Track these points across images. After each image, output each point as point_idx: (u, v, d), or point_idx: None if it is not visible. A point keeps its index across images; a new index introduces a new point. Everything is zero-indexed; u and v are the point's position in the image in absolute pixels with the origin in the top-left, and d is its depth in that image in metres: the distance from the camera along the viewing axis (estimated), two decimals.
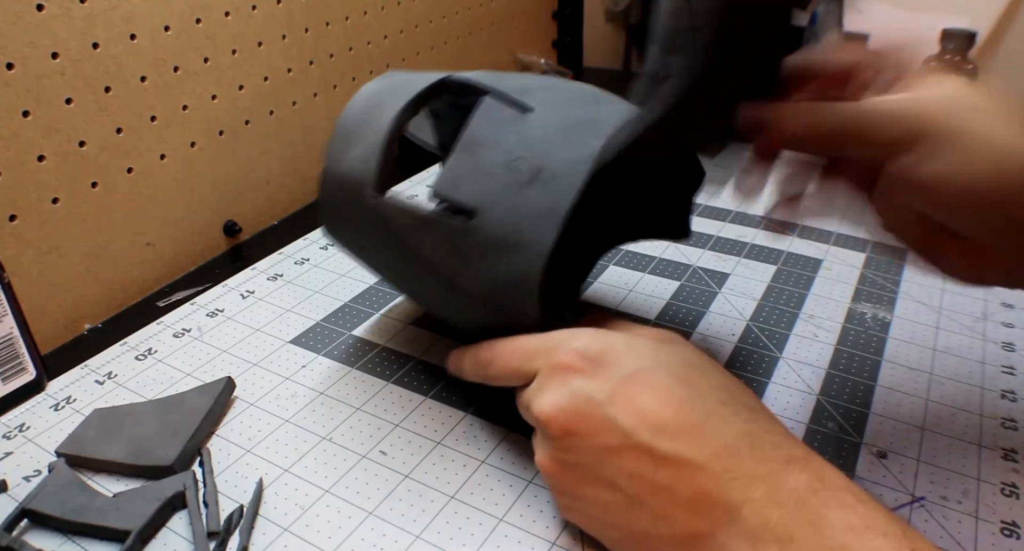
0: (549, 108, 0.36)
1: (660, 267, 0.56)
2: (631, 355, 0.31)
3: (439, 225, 0.35)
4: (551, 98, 0.37)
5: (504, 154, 0.34)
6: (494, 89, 0.37)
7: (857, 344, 0.48)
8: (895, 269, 0.56)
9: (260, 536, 0.35)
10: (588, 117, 0.35)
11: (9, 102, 0.45)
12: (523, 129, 0.35)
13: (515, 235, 0.33)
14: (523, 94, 0.37)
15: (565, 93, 0.37)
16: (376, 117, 0.39)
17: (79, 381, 0.46)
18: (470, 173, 0.35)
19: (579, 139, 0.34)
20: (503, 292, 0.34)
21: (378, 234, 0.39)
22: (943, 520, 0.35)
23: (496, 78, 0.38)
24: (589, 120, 0.35)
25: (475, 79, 0.39)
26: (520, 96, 0.36)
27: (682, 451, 0.29)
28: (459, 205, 0.35)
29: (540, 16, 1.03)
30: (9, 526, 0.35)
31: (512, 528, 0.35)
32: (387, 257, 0.40)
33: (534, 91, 0.37)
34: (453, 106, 0.41)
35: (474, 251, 0.34)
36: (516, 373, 0.34)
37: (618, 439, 0.30)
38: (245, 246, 0.64)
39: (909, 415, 0.42)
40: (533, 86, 0.38)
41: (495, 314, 0.36)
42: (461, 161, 0.35)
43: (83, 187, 0.51)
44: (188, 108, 0.57)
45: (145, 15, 0.52)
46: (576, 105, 0.36)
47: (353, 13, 0.70)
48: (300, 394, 0.44)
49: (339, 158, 0.40)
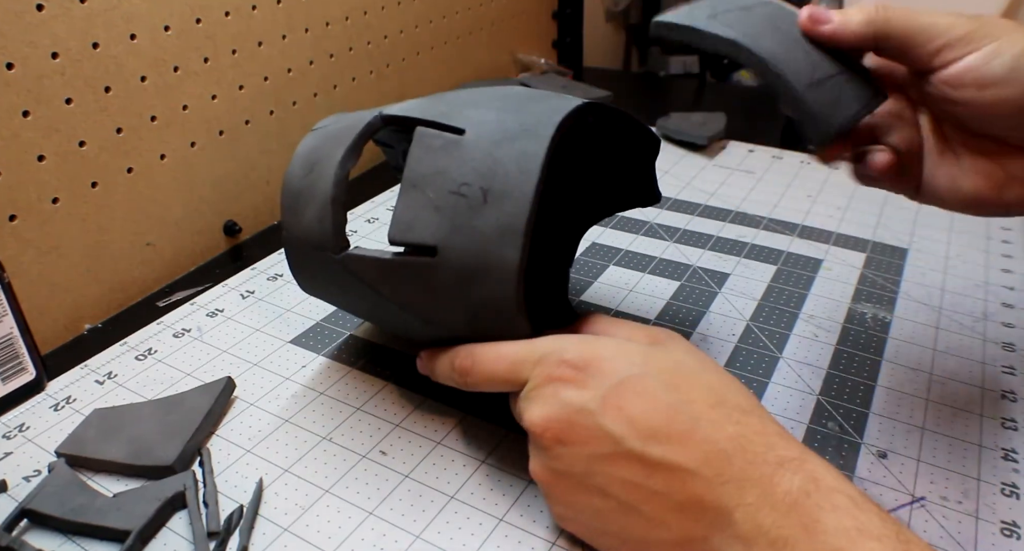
0: (479, 126, 0.35)
1: (660, 267, 0.56)
2: (620, 362, 0.31)
3: (405, 268, 0.35)
4: (479, 115, 0.36)
5: (448, 183, 0.34)
6: (423, 119, 0.36)
7: (857, 344, 0.48)
8: (895, 269, 0.56)
9: (260, 536, 0.35)
10: (520, 123, 0.35)
11: (9, 102, 0.45)
12: (460, 153, 0.35)
13: (482, 260, 0.33)
14: (451, 117, 0.36)
15: (491, 103, 0.37)
16: (319, 173, 0.39)
17: (79, 381, 0.46)
18: (421, 211, 0.34)
19: (517, 149, 0.34)
20: (487, 319, 0.35)
21: (350, 286, 0.38)
22: (943, 520, 0.35)
23: (428, 104, 0.38)
24: (521, 126, 0.35)
25: (405, 111, 0.38)
26: (448, 119, 0.36)
27: (673, 457, 0.29)
28: (419, 245, 0.34)
29: (540, 16, 1.03)
30: (9, 526, 0.35)
31: (512, 528, 0.35)
32: (365, 306, 0.40)
33: (462, 109, 0.37)
34: (398, 131, 0.41)
35: (447, 285, 0.34)
36: (503, 382, 0.34)
37: (609, 447, 0.30)
38: (245, 246, 0.64)
39: (909, 415, 0.42)
40: (459, 103, 0.37)
41: (485, 338, 0.35)
42: (409, 201, 0.35)
43: (83, 187, 0.51)
44: (188, 108, 0.57)
45: (145, 15, 0.52)
46: (505, 114, 0.36)
47: (353, 13, 0.70)
48: (300, 394, 0.44)
49: (294, 221, 0.40)
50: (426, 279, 0.35)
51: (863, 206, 0.65)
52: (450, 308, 0.35)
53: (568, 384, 0.31)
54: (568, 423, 0.31)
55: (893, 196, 0.66)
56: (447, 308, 0.35)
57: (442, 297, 0.35)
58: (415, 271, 0.35)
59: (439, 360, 0.37)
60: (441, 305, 0.35)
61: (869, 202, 0.65)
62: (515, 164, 0.34)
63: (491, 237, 0.33)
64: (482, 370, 0.35)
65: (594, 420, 0.30)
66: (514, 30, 0.97)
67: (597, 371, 0.31)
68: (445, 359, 0.37)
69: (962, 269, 0.56)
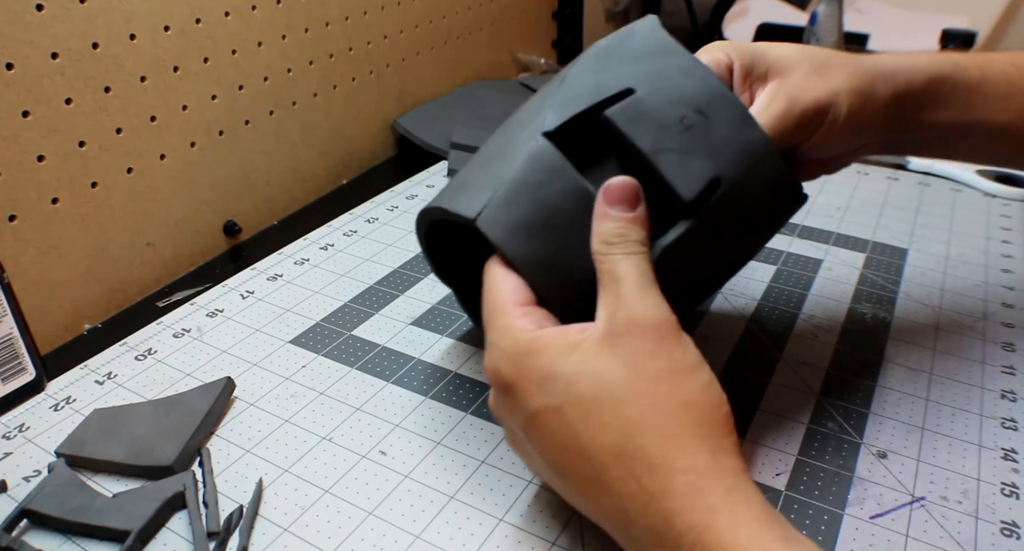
0: (631, 78, 0.35)
1: None
2: (541, 386, 0.30)
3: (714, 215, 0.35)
4: (612, 74, 0.36)
5: (673, 129, 0.34)
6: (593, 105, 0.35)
7: (857, 344, 0.48)
8: (895, 269, 0.56)
9: (260, 536, 0.35)
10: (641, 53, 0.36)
11: (9, 102, 0.45)
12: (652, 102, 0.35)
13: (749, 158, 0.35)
14: (600, 89, 0.35)
15: (591, 64, 0.37)
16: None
17: (79, 381, 0.46)
18: (684, 162, 0.34)
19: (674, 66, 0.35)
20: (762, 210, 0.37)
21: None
22: (943, 520, 0.35)
23: (566, 95, 0.36)
24: (647, 52, 0.36)
25: (561, 116, 0.36)
26: (604, 91, 0.35)
27: (580, 501, 0.31)
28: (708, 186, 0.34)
29: (540, 16, 1.03)
30: (9, 526, 0.35)
31: (512, 528, 0.35)
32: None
33: (592, 80, 0.36)
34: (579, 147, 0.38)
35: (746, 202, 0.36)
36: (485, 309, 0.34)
37: (534, 463, 0.33)
38: (245, 246, 0.64)
39: (909, 415, 0.42)
40: (583, 80, 0.36)
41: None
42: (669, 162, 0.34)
43: (83, 187, 0.51)
44: (188, 108, 0.57)
45: (145, 15, 0.52)
46: (605, 64, 0.37)
47: (353, 13, 0.70)
48: (300, 394, 0.44)
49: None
50: (734, 211, 0.35)
51: (863, 206, 0.65)
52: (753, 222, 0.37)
53: (496, 387, 0.32)
54: (504, 398, 0.32)
55: (893, 196, 0.67)
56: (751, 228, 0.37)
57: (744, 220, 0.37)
58: (723, 206, 0.35)
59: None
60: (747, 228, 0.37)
61: (869, 202, 0.65)
62: (682, 75, 0.35)
63: (736, 137, 0.34)
64: (487, 285, 0.34)
65: (520, 436, 0.32)
66: (514, 30, 0.97)
67: (516, 392, 0.31)
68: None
69: (962, 269, 0.56)
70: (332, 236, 0.62)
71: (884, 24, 1.09)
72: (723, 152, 0.34)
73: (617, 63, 0.36)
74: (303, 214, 0.69)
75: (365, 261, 0.58)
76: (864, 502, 0.36)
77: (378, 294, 0.54)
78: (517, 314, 0.32)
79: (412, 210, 0.66)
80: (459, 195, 0.37)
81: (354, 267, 0.57)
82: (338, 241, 0.61)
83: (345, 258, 0.58)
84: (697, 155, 0.34)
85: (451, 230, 0.41)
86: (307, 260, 0.58)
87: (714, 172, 0.34)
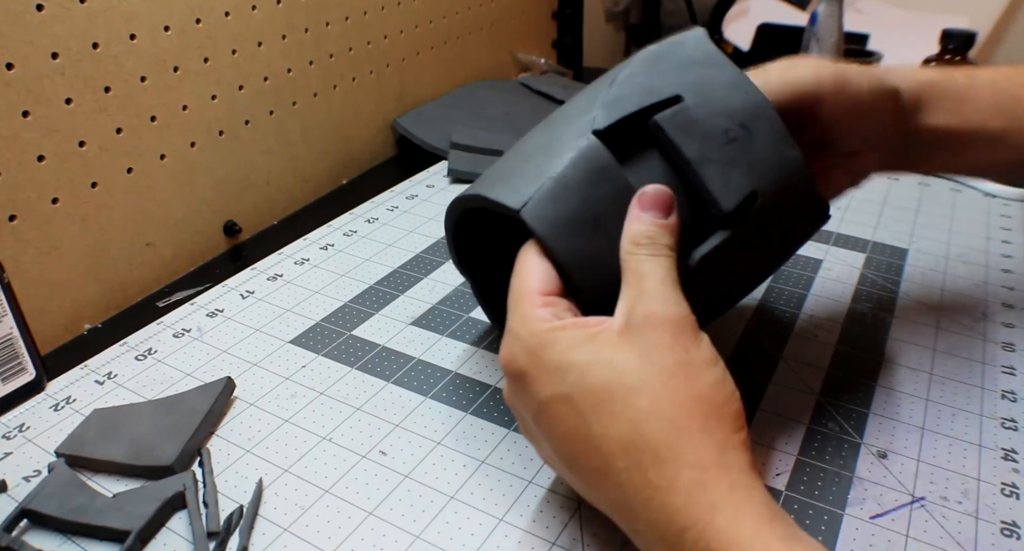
0: (678, 86, 0.36)
1: None
2: (554, 376, 0.30)
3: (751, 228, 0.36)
4: (660, 80, 0.36)
5: (717, 139, 0.35)
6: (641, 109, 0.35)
7: (857, 344, 0.48)
8: (895, 269, 0.56)
9: (260, 536, 0.35)
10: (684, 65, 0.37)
11: (9, 102, 0.45)
12: (701, 111, 0.35)
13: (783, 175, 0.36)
14: (651, 92, 0.36)
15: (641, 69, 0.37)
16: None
17: (79, 381, 0.46)
18: (724, 173, 0.35)
19: (719, 78, 0.36)
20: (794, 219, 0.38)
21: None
22: (943, 520, 0.35)
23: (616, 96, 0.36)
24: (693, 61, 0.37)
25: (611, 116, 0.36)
26: (655, 95, 0.36)
27: (589, 493, 0.31)
28: (746, 200, 0.35)
29: (540, 16, 1.03)
30: (9, 526, 0.35)
31: (512, 528, 0.35)
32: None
33: (638, 84, 0.37)
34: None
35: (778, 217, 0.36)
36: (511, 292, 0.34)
37: (544, 452, 0.33)
38: (245, 246, 0.64)
39: (909, 415, 0.42)
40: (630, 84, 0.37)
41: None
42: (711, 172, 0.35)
43: (83, 187, 0.51)
44: (188, 108, 0.57)
45: (145, 15, 0.52)
46: (658, 69, 0.37)
47: (353, 13, 0.70)
48: (300, 394, 0.44)
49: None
50: (767, 224, 0.36)
51: (863, 206, 0.65)
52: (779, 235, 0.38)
53: (508, 376, 0.33)
54: (516, 384, 0.32)
55: (893, 196, 0.67)
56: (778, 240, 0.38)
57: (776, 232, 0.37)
58: (758, 220, 0.35)
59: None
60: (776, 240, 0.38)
61: (869, 202, 0.65)
62: (729, 88, 0.35)
63: (774, 154, 0.35)
64: (517, 270, 0.35)
65: (531, 424, 0.32)
66: (514, 30, 0.97)
67: (528, 382, 0.31)
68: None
69: (962, 269, 0.56)
70: (332, 236, 0.62)
71: (884, 24, 1.09)
72: (762, 167, 0.35)
73: (667, 69, 0.37)
74: (303, 214, 0.69)
75: (365, 261, 0.58)
76: (864, 502, 0.36)
77: (378, 294, 0.54)
78: (538, 303, 0.32)
79: (412, 210, 0.66)
80: (501, 185, 0.37)
81: (354, 267, 0.57)
82: (338, 241, 0.61)
83: (345, 258, 0.58)
84: (738, 168, 0.35)
85: (481, 219, 0.41)
86: (307, 260, 0.58)
87: (753, 186, 0.34)
